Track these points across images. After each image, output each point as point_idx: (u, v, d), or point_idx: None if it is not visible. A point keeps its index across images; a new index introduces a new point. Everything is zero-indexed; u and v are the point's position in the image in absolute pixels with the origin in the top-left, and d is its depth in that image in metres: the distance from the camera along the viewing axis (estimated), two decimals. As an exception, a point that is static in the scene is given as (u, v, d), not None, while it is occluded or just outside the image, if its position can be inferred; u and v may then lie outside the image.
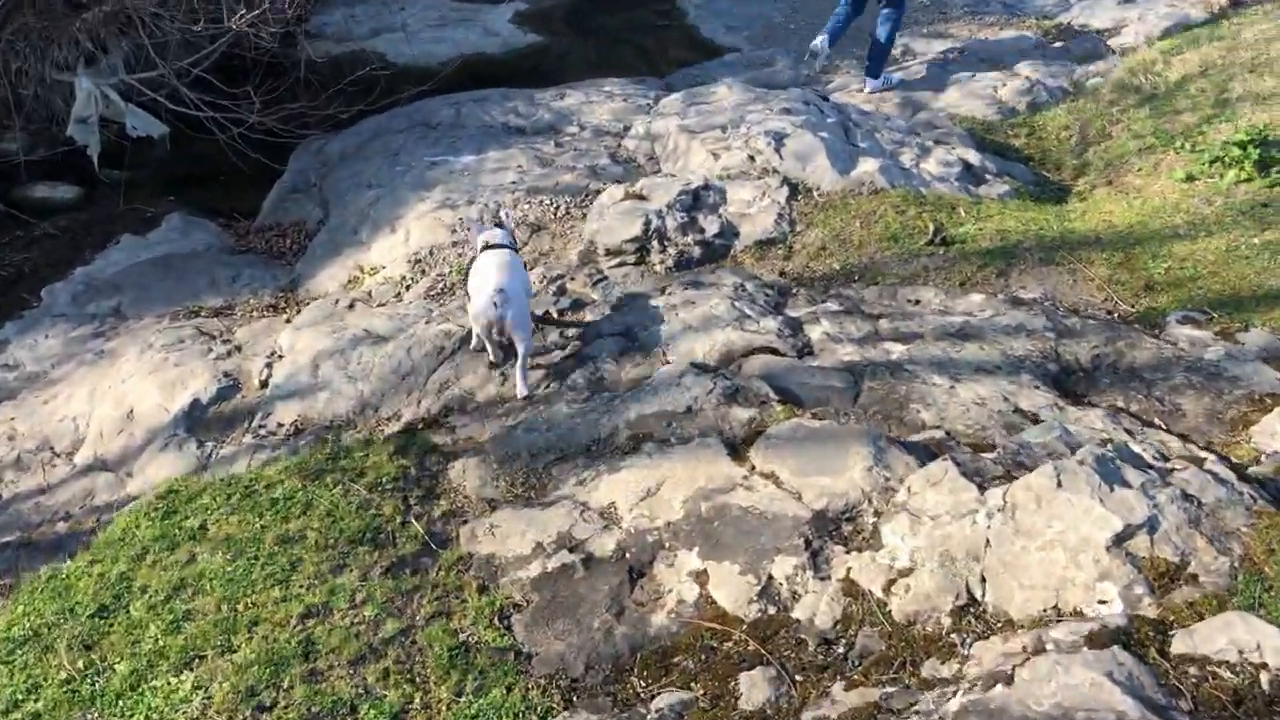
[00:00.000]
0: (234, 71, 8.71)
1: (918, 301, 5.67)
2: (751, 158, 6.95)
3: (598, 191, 7.07)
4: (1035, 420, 4.42)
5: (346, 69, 8.88)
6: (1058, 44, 10.45)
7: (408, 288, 6.53)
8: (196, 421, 5.60)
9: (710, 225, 6.39)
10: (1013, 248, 6.12)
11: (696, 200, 6.55)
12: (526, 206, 6.94)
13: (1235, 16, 9.44)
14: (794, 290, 5.84)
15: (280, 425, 5.47)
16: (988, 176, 7.26)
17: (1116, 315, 5.55)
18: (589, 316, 5.73)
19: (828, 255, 6.18)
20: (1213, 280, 5.71)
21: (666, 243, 6.28)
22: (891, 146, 7.35)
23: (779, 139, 7.03)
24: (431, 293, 6.38)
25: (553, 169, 7.45)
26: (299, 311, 6.50)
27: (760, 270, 6.10)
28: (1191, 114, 7.70)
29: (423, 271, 6.63)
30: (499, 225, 5.72)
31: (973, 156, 7.44)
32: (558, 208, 6.95)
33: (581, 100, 8.68)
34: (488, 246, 5.43)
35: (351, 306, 6.37)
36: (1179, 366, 4.87)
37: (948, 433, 4.37)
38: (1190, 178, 6.85)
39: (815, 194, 6.68)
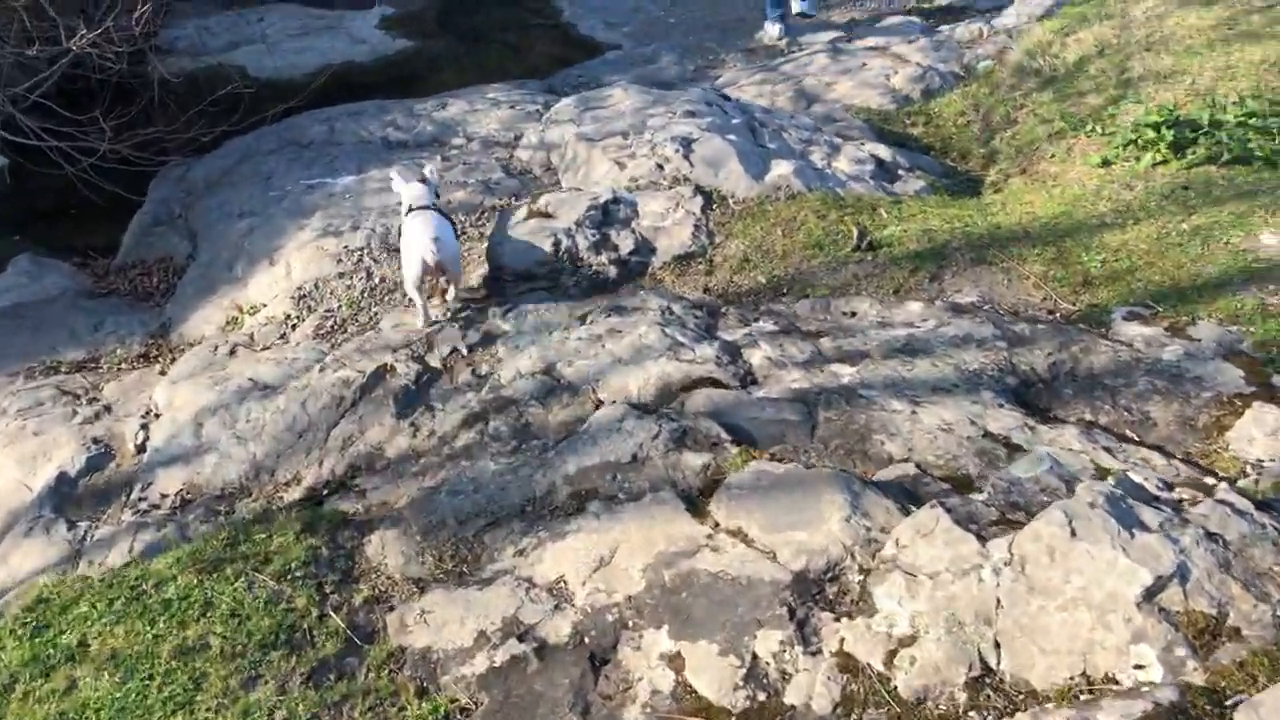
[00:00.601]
0: (78, 95, 7.94)
1: (854, 314, 5.31)
2: (660, 166, 6.50)
3: (494, 208, 6.56)
4: (1008, 444, 4.09)
5: (205, 87, 8.18)
6: (943, 27, 10.33)
7: (293, 327, 5.92)
8: (65, 499, 4.93)
9: (624, 242, 5.92)
10: (941, 248, 5.82)
11: (607, 215, 6.07)
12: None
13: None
14: (723, 309, 5.41)
15: (164, 497, 4.84)
16: (901, 172, 6.97)
17: (1059, 315, 5.28)
18: (503, 352, 5.21)
19: (752, 268, 5.78)
20: (1150, 271, 5.48)
21: (579, 264, 5.79)
22: (801, 146, 7.00)
23: (687, 144, 6.60)
24: (321, 331, 5.79)
25: (442, 186, 6.88)
26: (174, 361, 5.84)
27: (683, 289, 5.66)
28: (1096, 95, 7.54)
29: (309, 308, 6.02)
30: (423, 181, 5.64)
31: (883, 152, 7.15)
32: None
33: (465, 109, 8.12)
34: (412, 209, 5.39)
35: (233, 352, 5.74)
36: (1139, 370, 4.61)
37: (919, 465, 4.00)
38: (1106, 162, 6.67)
39: (731, 202, 6.27)
